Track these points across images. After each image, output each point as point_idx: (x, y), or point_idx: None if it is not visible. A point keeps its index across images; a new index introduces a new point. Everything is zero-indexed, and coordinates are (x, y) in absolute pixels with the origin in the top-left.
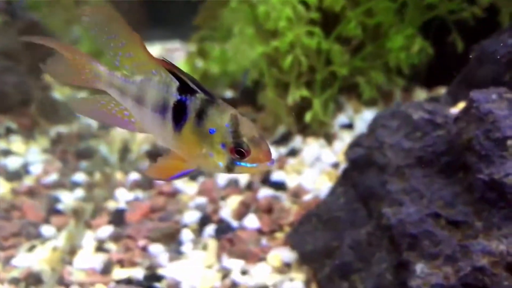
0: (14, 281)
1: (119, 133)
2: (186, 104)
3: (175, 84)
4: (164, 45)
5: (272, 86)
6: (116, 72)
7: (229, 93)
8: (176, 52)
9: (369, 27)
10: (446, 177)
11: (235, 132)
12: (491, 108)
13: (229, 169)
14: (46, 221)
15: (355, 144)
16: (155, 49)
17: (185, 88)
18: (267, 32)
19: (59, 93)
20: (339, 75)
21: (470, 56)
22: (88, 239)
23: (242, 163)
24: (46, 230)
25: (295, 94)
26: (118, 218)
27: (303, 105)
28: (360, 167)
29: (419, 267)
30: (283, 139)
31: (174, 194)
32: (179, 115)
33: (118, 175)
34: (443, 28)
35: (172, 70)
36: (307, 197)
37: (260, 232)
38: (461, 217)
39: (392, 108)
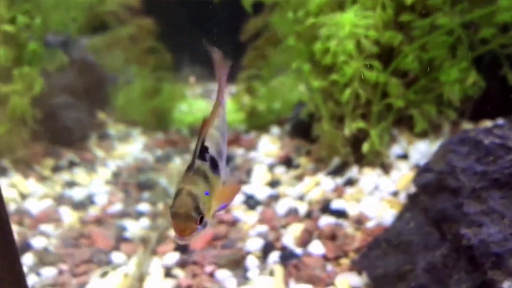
0: None
1: (175, 166)
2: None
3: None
4: (205, 86)
5: (327, 118)
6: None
7: (275, 130)
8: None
9: (423, 61)
10: None
11: (174, 200)
12: None
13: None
14: (116, 248)
15: (424, 170)
16: (198, 89)
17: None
18: (323, 67)
19: (113, 130)
20: (394, 107)
21: None
22: (156, 266)
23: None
24: (116, 257)
25: (352, 126)
26: (183, 245)
27: (359, 137)
28: (430, 192)
29: (507, 285)
30: (339, 170)
31: (234, 223)
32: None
33: None
34: (494, 62)
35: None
36: (370, 224)
37: (325, 258)
38: None
39: (460, 135)
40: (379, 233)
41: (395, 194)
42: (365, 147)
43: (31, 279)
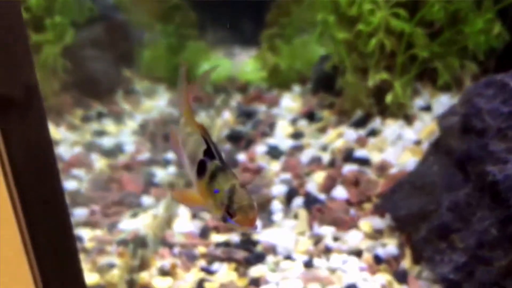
0: (123, 242)
1: (199, 120)
2: (206, 164)
3: (204, 146)
4: (227, 48)
5: (351, 70)
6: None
7: (297, 88)
8: (238, 56)
9: (448, 12)
10: None
11: (229, 198)
12: None
13: (224, 220)
14: (145, 192)
15: (448, 113)
16: (219, 54)
17: (209, 151)
18: (348, 19)
19: (139, 86)
20: (419, 59)
21: None
22: (183, 209)
23: (231, 221)
24: (146, 200)
25: (376, 77)
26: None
27: (383, 88)
28: (455, 134)
29: None
30: (362, 122)
31: (258, 170)
32: (200, 170)
33: None
34: None
35: (204, 136)
36: (393, 170)
37: (348, 203)
38: None
39: (486, 79)
40: (402, 177)
41: (418, 143)
42: (389, 98)
43: None
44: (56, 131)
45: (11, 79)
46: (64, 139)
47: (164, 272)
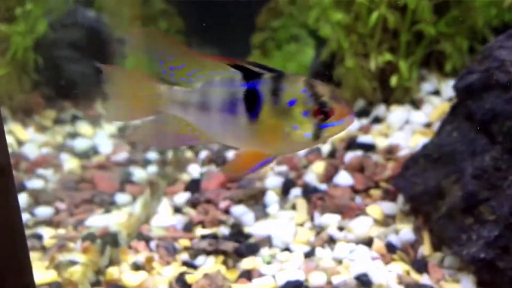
0: (90, 238)
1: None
2: (256, 89)
3: (239, 75)
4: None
5: (351, 54)
6: (175, 87)
7: None
8: None
9: None
10: None
11: (314, 94)
12: None
13: (317, 136)
14: (120, 190)
15: (466, 73)
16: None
17: (249, 75)
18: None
19: None
20: (425, 38)
21: None
22: (164, 205)
23: (329, 124)
24: (121, 198)
25: (378, 59)
26: (194, 186)
27: (386, 72)
28: (476, 94)
29: None
30: (364, 111)
31: None
32: (252, 103)
33: (188, 154)
34: None
35: (232, 63)
36: (402, 152)
37: (353, 190)
38: None
39: (507, 32)
40: (416, 152)
41: (429, 125)
42: (393, 80)
43: (24, 217)
44: (23, 132)
45: None
46: (32, 139)
47: (137, 267)
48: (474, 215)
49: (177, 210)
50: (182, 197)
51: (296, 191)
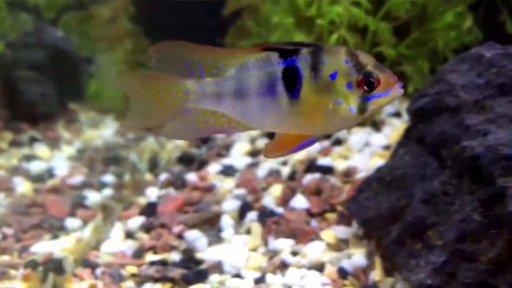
0: (32, 264)
1: (148, 144)
2: (295, 65)
3: (274, 54)
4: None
5: None
6: (206, 79)
7: None
8: None
9: (417, 8)
10: None
11: (357, 64)
12: None
13: (362, 109)
14: (71, 215)
15: (418, 97)
16: None
17: (286, 54)
18: (307, 19)
19: (84, 116)
20: (385, 60)
21: None
22: (117, 230)
23: (375, 95)
24: (71, 222)
25: None
26: (149, 210)
27: None
28: (427, 117)
29: None
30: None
31: (209, 189)
32: (291, 81)
33: (148, 177)
34: (491, 9)
35: (265, 47)
36: (360, 175)
37: (309, 213)
38: None
39: (460, 55)
40: (369, 175)
41: (388, 147)
42: None
43: None
44: None
45: None
46: None
47: None
48: (423, 240)
49: (129, 235)
50: (136, 221)
51: (252, 215)
